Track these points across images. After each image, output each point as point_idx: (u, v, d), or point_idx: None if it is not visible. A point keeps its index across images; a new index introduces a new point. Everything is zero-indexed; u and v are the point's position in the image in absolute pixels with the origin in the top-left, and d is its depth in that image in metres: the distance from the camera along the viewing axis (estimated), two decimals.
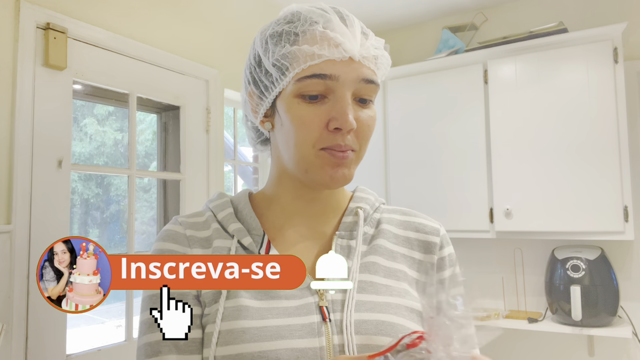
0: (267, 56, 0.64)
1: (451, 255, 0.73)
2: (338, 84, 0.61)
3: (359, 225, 0.70)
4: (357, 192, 0.77)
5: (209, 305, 0.63)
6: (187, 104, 2.01)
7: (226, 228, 0.69)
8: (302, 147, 0.63)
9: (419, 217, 0.75)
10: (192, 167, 2.02)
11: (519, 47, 2.23)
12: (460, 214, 2.32)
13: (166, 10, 1.90)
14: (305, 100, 0.62)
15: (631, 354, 2.21)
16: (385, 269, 0.67)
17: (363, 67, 0.62)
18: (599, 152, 2.03)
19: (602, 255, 2.08)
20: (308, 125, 0.62)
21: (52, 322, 1.46)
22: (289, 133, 0.63)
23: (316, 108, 0.62)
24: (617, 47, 2.02)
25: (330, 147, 0.62)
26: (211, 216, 0.72)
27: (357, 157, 0.65)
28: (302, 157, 0.64)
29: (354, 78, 0.61)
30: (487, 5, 2.59)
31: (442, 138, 2.40)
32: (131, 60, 1.78)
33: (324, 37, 0.61)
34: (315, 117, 0.61)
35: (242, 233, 0.68)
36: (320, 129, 0.61)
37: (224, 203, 0.73)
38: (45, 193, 1.46)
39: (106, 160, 3.05)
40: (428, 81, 2.45)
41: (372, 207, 0.74)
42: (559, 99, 2.13)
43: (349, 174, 0.64)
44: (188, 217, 0.73)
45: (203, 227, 0.71)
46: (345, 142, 0.62)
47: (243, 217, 0.71)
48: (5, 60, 1.39)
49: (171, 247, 0.68)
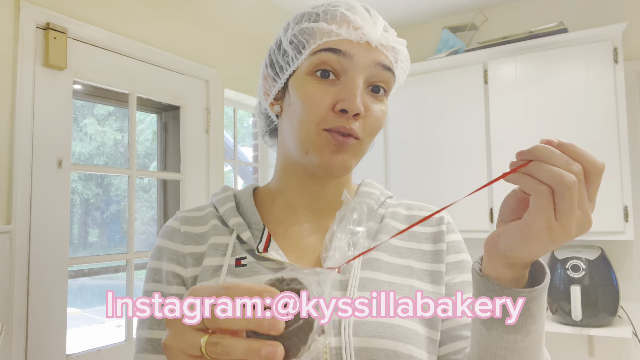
0: (287, 35, 0.64)
1: (456, 242, 0.72)
2: (352, 64, 0.60)
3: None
4: (362, 186, 0.75)
5: None
6: (187, 104, 2.01)
7: (226, 222, 0.69)
8: (305, 125, 0.61)
9: (424, 210, 0.75)
10: (192, 167, 2.02)
11: (519, 47, 2.23)
12: (460, 214, 2.32)
13: (166, 10, 1.90)
14: (316, 78, 0.61)
15: (631, 354, 2.21)
16: (389, 265, 0.66)
17: (380, 53, 0.61)
18: (598, 152, 2.03)
19: (602, 255, 2.08)
20: (315, 103, 0.60)
21: (52, 322, 1.46)
22: (296, 111, 0.62)
23: (326, 87, 0.60)
24: (617, 47, 2.02)
25: (334, 128, 0.60)
26: (212, 211, 0.72)
27: (360, 147, 0.63)
28: (304, 136, 0.62)
29: (369, 61, 0.60)
30: (487, 5, 2.59)
31: (442, 138, 2.40)
32: (131, 60, 1.77)
33: (344, 18, 0.61)
34: (324, 95, 0.60)
35: (242, 227, 0.67)
36: (326, 108, 0.60)
37: (227, 197, 0.73)
38: (45, 193, 1.46)
39: (106, 160, 3.05)
40: (428, 81, 2.45)
41: (377, 202, 0.73)
42: (559, 99, 2.13)
43: (349, 162, 0.62)
44: (189, 211, 0.73)
45: (201, 222, 0.70)
46: (350, 125, 0.60)
47: (244, 211, 0.70)
48: (5, 60, 1.39)
49: (166, 244, 0.69)
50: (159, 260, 0.68)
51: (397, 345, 0.58)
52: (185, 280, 0.66)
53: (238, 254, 0.66)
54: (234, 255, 0.65)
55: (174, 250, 0.68)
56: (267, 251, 0.64)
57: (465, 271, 0.71)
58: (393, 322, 0.60)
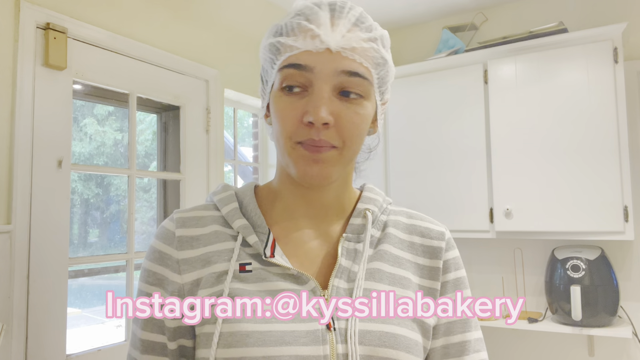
0: (262, 51, 0.67)
1: (456, 259, 0.72)
2: (314, 76, 0.59)
3: (366, 229, 0.68)
4: (365, 191, 0.74)
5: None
6: (187, 104, 2.01)
7: (231, 224, 0.67)
8: (282, 140, 0.62)
9: (425, 221, 0.74)
10: (192, 167, 2.02)
11: (519, 47, 2.23)
12: (461, 214, 2.32)
13: (166, 10, 1.90)
14: (286, 92, 0.61)
15: (631, 354, 2.21)
16: (390, 275, 0.66)
17: (344, 59, 0.59)
18: (599, 152, 2.03)
19: (602, 255, 2.08)
20: (285, 118, 0.60)
21: (52, 322, 1.46)
22: (275, 127, 0.63)
23: (295, 100, 0.60)
24: (617, 47, 2.02)
25: (305, 141, 0.60)
26: (211, 214, 0.70)
27: (339, 155, 0.62)
28: (283, 151, 0.63)
29: (331, 70, 0.59)
30: (487, 5, 2.59)
31: (442, 138, 2.40)
32: (131, 60, 1.77)
33: (301, 28, 0.60)
34: (293, 109, 0.60)
35: (248, 230, 0.66)
36: (296, 122, 0.60)
37: (229, 197, 0.71)
38: (45, 193, 1.46)
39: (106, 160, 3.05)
40: (428, 81, 2.45)
41: (380, 209, 0.72)
42: (559, 99, 2.13)
43: (327, 172, 0.61)
44: (186, 211, 0.71)
45: (199, 224, 0.68)
46: (320, 137, 0.59)
47: (247, 213, 0.69)
48: (5, 60, 1.39)
49: (161, 247, 0.67)
50: (154, 263, 0.67)
51: (399, 354, 0.60)
52: (181, 287, 0.65)
53: (242, 259, 0.64)
54: (238, 260, 0.64)
55: (168, 255, 0.66)
56: (273, 256, 0.64)
57: (464, 287, 0.71)
58: (396, 332, 0.61)
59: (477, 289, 2.54)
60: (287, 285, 0.62)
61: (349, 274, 0.64)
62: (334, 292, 0.62)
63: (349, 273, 0.64)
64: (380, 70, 0.64)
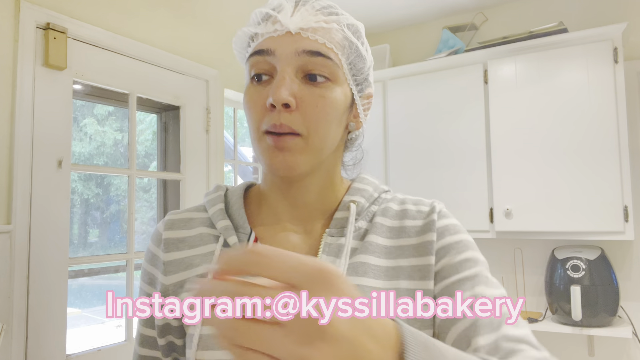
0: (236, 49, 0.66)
1: (452, 225, 0.66)
2: (276, 59, 0.58)
3: (349, 222, 0.64)
4: (355, 182, 0.71)
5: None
6: (187, 104, 2.01)
7: (215, 225, 0.67)
8: (251, 132, 0.61)
9: (417, 204, 0.70)
10: (192, 167, 2.02)
11: (519, 47, 2.23)
12: (461, 214, 2.32)
13: (166, 10, 1.90)
14: (254, 82, 0.61)
15: (631, 354, 2.21)
16: (376, 268, 0.62)
17: (304, 39, 0.58)
18: (599, 152, 2.03)
19: (602, 255, 2.08)
20: (252, 107, 0.60)
21: (52, 322, 1.46)
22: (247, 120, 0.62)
23: (261, 89, 0.59)
24: (617, 47, 2.02)
25: (269, 128, 0.58)
26: (200, 216, 0.70)
27: (304, 144, 0.59)
28: (254, 144, 0.61)
29: (291, 51, 0.58)
30: (487, 5, 2.59)
31: (442, 138, 2.40)
32: (131, 60, 1.77)
33: (264, 16, 0.61)
34: (259, 97, 0.59)
35: (229, 231, 0.65)
36: (262, 109, 0.58)
37: (217, 198, 0.70)
38: (45, 193, 1.46)
39: (106, 160, 3.05)
40: (428, 81, 2.45)
41: (370, 199, 0.69)
42: (559, 99, 2.13)
43: (292, 161, 0.58)
44: (178, 213, 0.71)
45: (186, 225, 0.69)
46: (281, 120, 0.56)
47: (233, 213, 0.68)
48: (5, 60, 1.39)
49: (153, 249, 0.69)
50: (148, 263, 0.69)
51: None
52: (166, 288, 0.66)
53: None
54: None
55: (157, 257, 0.68)
56: None
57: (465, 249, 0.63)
58: None
59: None
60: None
61: None
62: None
63: None
64: (350, 54, 0.62)
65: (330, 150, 0.63)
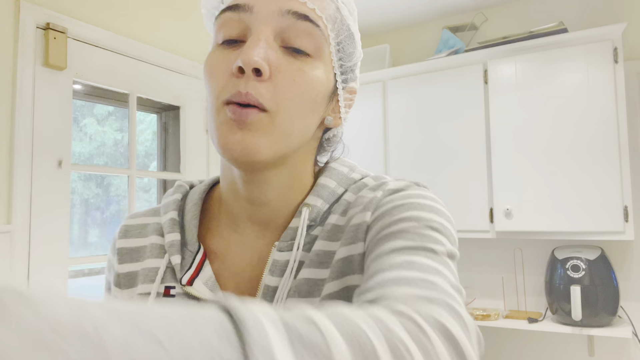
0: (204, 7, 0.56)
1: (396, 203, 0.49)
2: (253, 18, 0.47)
3: (298, 233, 0.52)
4: (321, 177, 0.57)
5: None
6: (187, 104, 2.01)
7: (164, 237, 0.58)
8: (209, 103, 0.50)
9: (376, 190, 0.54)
10: (192, 167, 2.02)
11: (519, 47, 2.23)
12: (461, 214, 2.32)
13: (166, 10, 1.90)
14: (221, 46, 0.50)
15: (631, 354, 2.21)
16: (322, 283, 0.51)
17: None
18: (599, 152, 2.03)
19: (602, 255, 2.08)
20: (214, 73, 0.49)
21: None
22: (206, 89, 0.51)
23: (229, 52, 0.49)
24: (617, 47, 2.02)
25: (231, 97, 0.46)
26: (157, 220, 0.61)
27: (270, 122, 0.47)
28: (209, 118, 0.50)
29: (273, 9, 0.47)
30: (487, 5, 2.59)
31: (442, 138, 2.40)
32: (131, 60, 1.77)
33: None
34: (224, 62, 0.48)
35: (174, 248, 0.55)
36: (226, 76, 0.47)
37: (171, 203, 0.60)
38: (45, 193, 1.46)
39: (106, 160, 3.05)
40: (428, 81, 2.45)
41: (330, 198, 0.55)
42: (559, 99, 2.13)
43: (252, 142, 0.46)
44: (135, 216, 0.63)
45: (141, 233, 0.60)
46: (248, 89, 0.46)
47: (186, 223, 0.58)
48: (5, 60, 1.39)
49: (109, 256, 0.62)
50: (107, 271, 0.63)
51: None
52: None
53: (168, 281, 0.55)
54: (164, 282, 0.55)
55: (112, 267, 0.61)
56: (191, 284, 0.52)
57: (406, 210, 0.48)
58: None
59: (477, 289, 2.54)
60: None
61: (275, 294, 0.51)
62: None
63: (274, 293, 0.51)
64: (341, 32, 0.52)
65: (298, 140, 0.51)
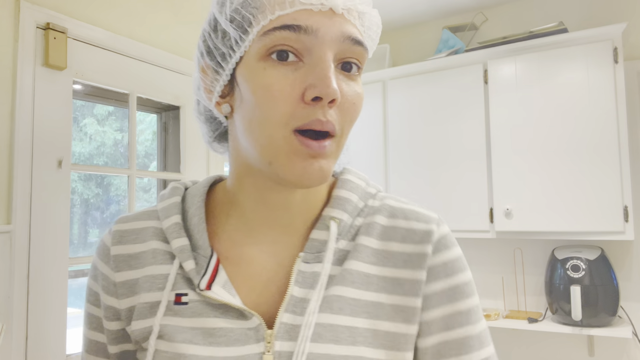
0: (224, 12, 0.50)
1: (450, 262, 0.55)
2: (317, 41, 0.46)
3: (327, 248, 0.53)
4: (336, 189, 0.57)
5: (143, 341, 0.54)
6: (187, 104, 2.01)
7: (170, 242, 0.55)
8: (268, 128, 0.47)
9: (410, 220, 0.57)
10: (192, 167, 2.02)
11: (519, 47, 2.23)
12: (461, 214, 2.32)
13: (166, 10, 1.90)
14: (273, 63, 0.47)
15: (631, 354, 2.21)
16: (354, 302, 0.52)
17: (348, 22, 0.48)
18: (599, 152, 2.03)
19: (602, 255, 2.08)
20: (277, 96, 0.46)
21: (52, 322, 1.46)
22: (252, 110, 0.48)
23: (288, 73, 0.46)
24: (617, 47, 2.02)
25: (307, 125, 0.46)
26: (153, 225, 0.58)
27: (337, 145, 0.49)
28: (267, 143, 0.48)
29: (336, 34, 0.47)
30: (487, 5, 2.59)
31: (442, 138, 2.40)
32: (131, 60, 1.77)
33: None
34: (287, 85, 0.46)
35: (185, 254, 0.54)
36: (294, 101, 0.46)
37: (172, 206, 0.58)
38: (45, 193, 1.46)
39: (106, 160, 3.05)
40: (428, 81, 2.45)
41: (354, 212, 0.56)
42: (559, 99, 2.13)
43: (327, 168, 0.48)
44: (127, 220, 0.60)
45: (137, 238, 0.58)
46: (327, 116, 0.46)
47: (191, 228, 0.56)
48: (5, 60, 1.39)
49: (99, 264, 0.59)
50: (96, 282, 0.60)
51: None
52: (119, 312, 0.57)
53: (179, 287, 0.53)
54: (175, 289, 0.53)
55: (106, 276, 0.58)
56: (210, 288, 0.52)
57: (462, 297, 0.54)
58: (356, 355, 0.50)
59: (477, 289, 2.53)
60: (226, 323, 0.51)
61: (303, 306, 0.51)
62: (281, 331, 0.50)
63: (303, 304, 0.51)
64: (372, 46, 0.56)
65: None
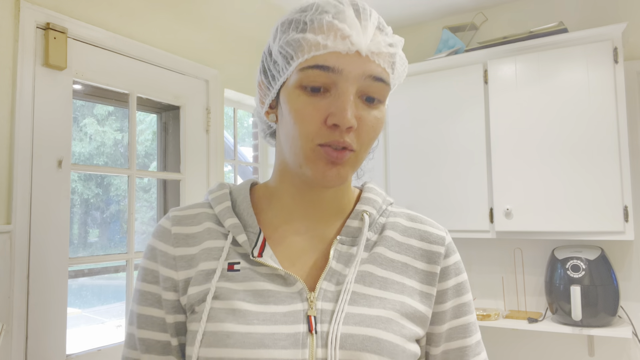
0: (276, 43, 0.63)
1: (456, 264, 0.71)
2: (341, 78, 0.58)
3: (362, 233, 0.67)
4: (365, 192, 0.73)
5: (197, 304, 0.63)
6: (187, 104, 2.01)
7: (222, 222, 0.68)
8: (298, 141, 0.60)
9: (425, 224, 0.73)
10: (192, 167, 2.02)
11: (519, 47, 2.23)
12: (461, 214, 2.32)
13: (166, 10, 1.90)
14: (306, 92, 0.60)
15: (631, 354, 2.21)
16: (382, 280, 0.65)
17: (371, 63, 0.59)
18: (599, 152, 2.03)
19: (602, 255, 2.08)
20: (306, 120, 0.59)
21: (52, 322, 1.46)
22: (288, 125, 0.62)
23: (316, 101, 0.59)
24: (617, 47, 2.02)
25: (328, 143, 0.59)
26: (206, 210, 0.71)
27: (355, 158, 0.62)
28: (298, 151, 0.61)
29: (359, 73, 0.58)
30: (487, 5, 2.59)
31: (442, 138, 2.40)
32: (131, 60, 1.77)
33: (331, 27, 0.59)
34: (315, 110, 0.59)
35: (238, 229, 0.66)
36: (318, 123, 0.59)
37: (223, 195, 0.72)
38: (45, 193, 1.46)
39: (106, 160, 3.05)
40: (428, 81, 2.45)
41: (379, 211, 0.72)
42: (559, 99, 2.13)
43: (344, 174, 0.61)
44: (182, 209, 0.72)
45: (193, 222, 0.69)
46: (344, 138, 0.59)
47: (240, 212, 0.69)
48: (5, 60, 1.39)
49: (158, 244, 0.68)
50: (154, 262, 0.68)
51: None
52: (177, 283, 0.66)
53: (231, 258, 0.65)
54: (227, 259, 0.65)
55: (164, 252, 0.67)
56: (261, 256, 0.64)
57: (464, 292, 0.71)
58: (381, 337, 0.60)
59: (477, 289, 2.54)
60: (273, 286, 0.62)
61: (339, 277, 0.64)
62: (321, 294, 0.62)
63: (338, 276, 0.64)
64: (395, 78, 0.66)
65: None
